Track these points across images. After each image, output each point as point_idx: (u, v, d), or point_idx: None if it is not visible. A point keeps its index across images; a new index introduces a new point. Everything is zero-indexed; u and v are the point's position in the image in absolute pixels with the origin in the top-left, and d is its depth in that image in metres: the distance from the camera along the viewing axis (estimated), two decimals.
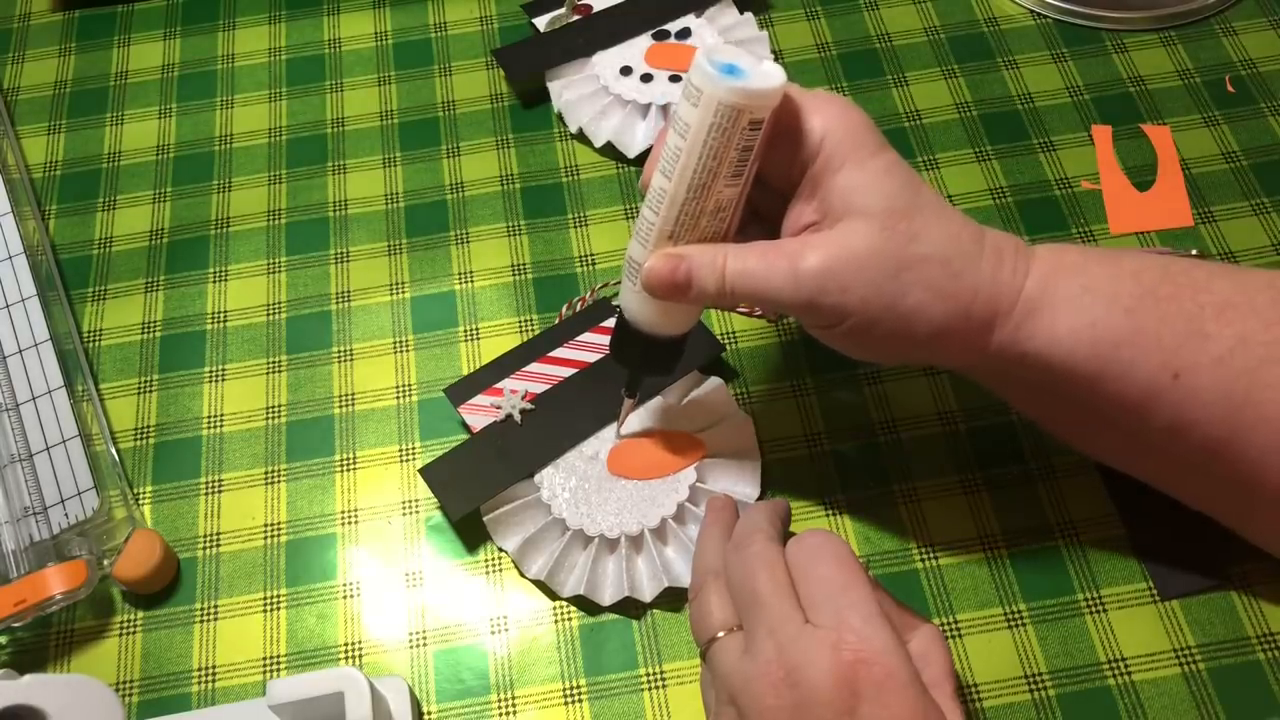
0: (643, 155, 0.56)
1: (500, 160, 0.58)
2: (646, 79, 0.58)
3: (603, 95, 0.57)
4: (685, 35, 0.59)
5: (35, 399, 0.49)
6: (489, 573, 0.46)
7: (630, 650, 0.44)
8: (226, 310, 0.54)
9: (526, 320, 0.53)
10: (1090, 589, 0.44)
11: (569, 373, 0.49)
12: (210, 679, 0.44)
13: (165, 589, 0.46)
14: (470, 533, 0.47)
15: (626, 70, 0.58)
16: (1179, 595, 0.44)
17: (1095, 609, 0.44)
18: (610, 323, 0.50)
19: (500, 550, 0.46)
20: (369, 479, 0.49)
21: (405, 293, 0.54)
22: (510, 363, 0.50)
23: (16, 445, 0.48)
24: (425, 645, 0.45)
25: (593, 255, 0.54)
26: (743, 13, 0.60)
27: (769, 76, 0.36)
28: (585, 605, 0.45)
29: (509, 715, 0.43)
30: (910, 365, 0.49)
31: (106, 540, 0.46)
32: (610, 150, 0.57)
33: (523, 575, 0.45)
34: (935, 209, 0.38)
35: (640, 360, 0.43)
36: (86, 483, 0.47)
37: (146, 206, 0.57)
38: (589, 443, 0.47)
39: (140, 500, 0.49)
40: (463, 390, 0.49)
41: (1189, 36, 0.60)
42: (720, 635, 0.36)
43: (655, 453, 0.47)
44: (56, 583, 0.43)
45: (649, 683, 0.43)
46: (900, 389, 0.49)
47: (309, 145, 0.59)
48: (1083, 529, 0.46)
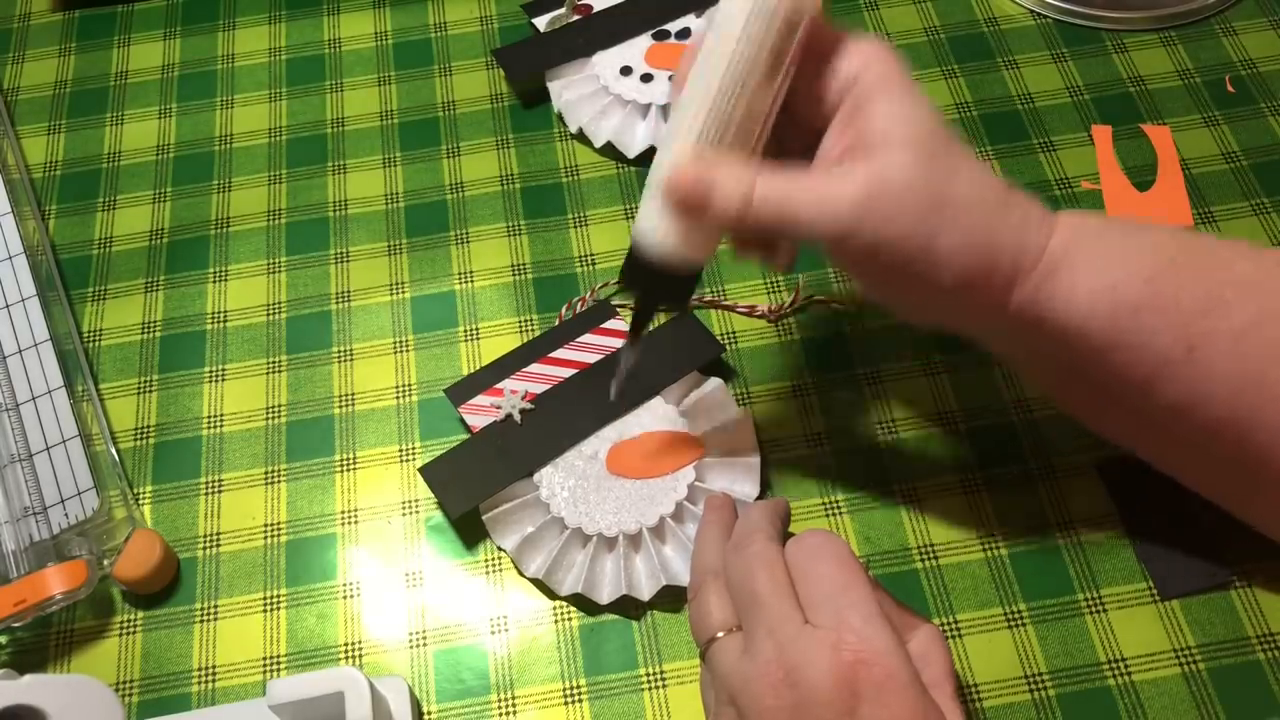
0: (643, 155, 0.56)
1: (500, 160, 0.58)
2: (646, 79, 0.58)
3: (603, 95, 0.57)
4: (685, 35, 0.59)
5: (35, 399, 0.49)
6: (489, 573, 0.46)
7: (630, 650, 0.44)
8: (226, 310, 0.54)
9: (526, 320, 0.53)
10: (1090, 589, 0.44)
11: (569, 373, 0.49)
12: (210, 679, 0.44)
13: (165, 589, 0.46)
14: (470, 533, 0.47)
15: (626, 70, 0.58)
16: (1179, 595, 0.44)
17: (1095, 609, 0.44)
18: (610, 324, 0.50)
19: (500, 550, 0.46)
20: (369, 479, 0.49)
21: (405, 293, 0.54)
22: (510, 363, 0.50)
23: (16, 445, 0.48)
24: (425, 645, 0.45)
25: (593, 255, 0.54)
26: None
27: None
28: (585, 605, 0.45)
29: (509, 715, 0.43)
30: (925, 323, 0.44)
31: (106, 540, 0.46)
32: (610, 150, 0.57)
33: (521, 574, 0.45)
34: (969, 156, 0.37)
35: (652, 282, 0.40)
36: (86, 483, 0.47)
37: (146, 206, 0.57)
38: (588, 442, 0.47)
39: (140, 500, 0.49)
40: (463, 390, 0.49)
41: (1189, 36, 0.60)
42: (720, 635, 0.36)
43: (654, 452, 0.47)
44: (56, 583, 0.43)
45: (649, 683, 0.43)
46: (900, 389, 0.49)
47: (309, 145, 0.59)
48: (1083, 529, 0.46)
